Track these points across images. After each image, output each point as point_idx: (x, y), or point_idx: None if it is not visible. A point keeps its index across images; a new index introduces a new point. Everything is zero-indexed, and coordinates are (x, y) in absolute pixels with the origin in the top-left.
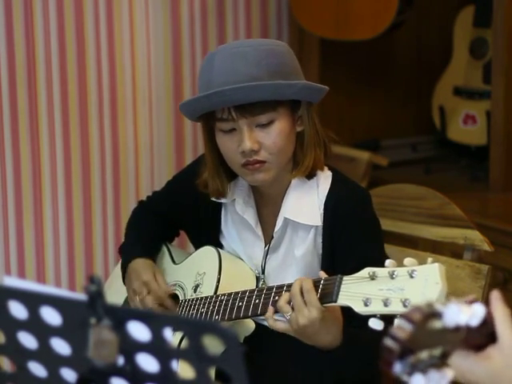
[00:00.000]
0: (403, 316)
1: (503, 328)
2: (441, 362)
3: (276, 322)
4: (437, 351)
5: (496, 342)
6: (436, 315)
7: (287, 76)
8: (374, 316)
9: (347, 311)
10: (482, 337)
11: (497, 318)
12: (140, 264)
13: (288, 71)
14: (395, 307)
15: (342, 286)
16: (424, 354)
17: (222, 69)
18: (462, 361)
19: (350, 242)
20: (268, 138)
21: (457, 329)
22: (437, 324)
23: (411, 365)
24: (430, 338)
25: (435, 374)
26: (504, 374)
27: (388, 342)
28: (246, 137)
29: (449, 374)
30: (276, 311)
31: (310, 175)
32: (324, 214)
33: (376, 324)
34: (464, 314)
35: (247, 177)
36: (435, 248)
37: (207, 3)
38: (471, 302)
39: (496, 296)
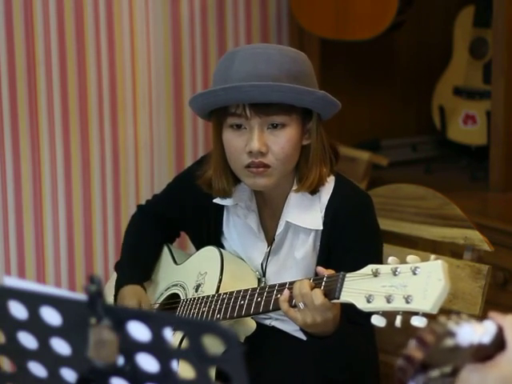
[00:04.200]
0: (417, 337)
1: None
2: (452, 380)
3: (290, 308)
4: (448, 368)
5: (504, 350)
6: (449, 334)
7: (306, 84)
8: (377, 313)
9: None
10: (490, 348)
11: (506, 326)
12: (127, 291)
13: (307, 80)
14: (398, 304)
15: (345, 282)
16: (436, 373)
17: (243, 66)
18: (471, 374)
19: (348, 245)
20: (277, 142)
21: (469, 346)
22: (450, 342)
23: (425, 383)
24: (442, 356)
25: None
26: None
27: (401, 363)
28: (256, 137)
29: None
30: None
31: (314, 191)
32: (325, 217)
33: (379, 321)
34: (477, 333)
35: (248, 179)
36: (435, 248)
37: (207, 3)
38: (481, 320)
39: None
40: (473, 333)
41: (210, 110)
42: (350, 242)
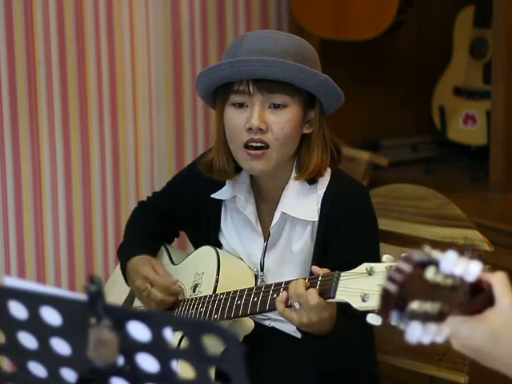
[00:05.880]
0: (401, 258)
1: (501, 290)
2: (438, 319)
3: (286, 308)
4: (434, 307)
5: (493, 305)
6: (433, 263)
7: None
8: (373, 311)
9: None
10: (479, 304)
11: (494, 282)
12: (137, 261)
13: (312, 66)
14: None
15: (340, 281)
16: (421, 306)
17: (251, 46)
18: (459, 326)
19: (344, 236)
20: (278, 122)
21: (453, 288)
22: (434, 273)
23: (408, 314)
24: (426, 288)
25: (433, 326)
26: (503, 334)
27: (386, 284)
28: (257, 113)
29: (446, 330)
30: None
31: (312, 180)
32: (321, 208)
33: (374, 319)
34: (460, 266)
35: (246, 162)
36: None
37: (207, 3)
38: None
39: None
40: (455, 263)
41: (214, 88)
42: (346, 233)
